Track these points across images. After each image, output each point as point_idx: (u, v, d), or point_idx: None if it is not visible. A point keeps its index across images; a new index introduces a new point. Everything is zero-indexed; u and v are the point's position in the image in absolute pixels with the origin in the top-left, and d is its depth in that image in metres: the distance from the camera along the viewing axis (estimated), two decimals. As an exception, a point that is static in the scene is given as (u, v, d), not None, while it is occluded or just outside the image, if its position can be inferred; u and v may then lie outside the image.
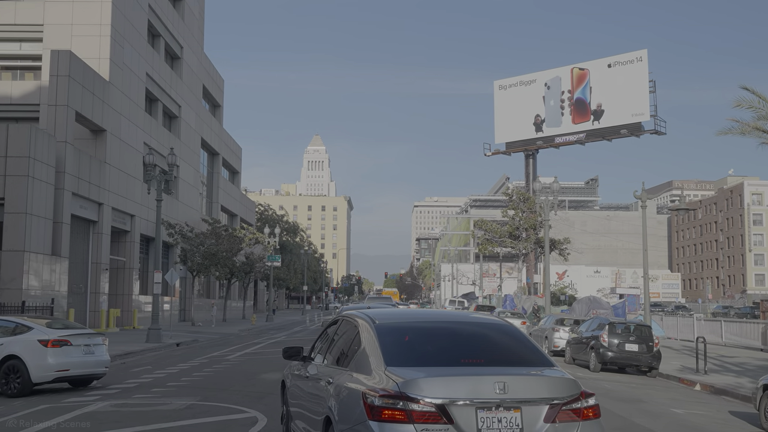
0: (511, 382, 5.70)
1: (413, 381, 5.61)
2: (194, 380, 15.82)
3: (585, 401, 5.87)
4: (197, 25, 57.27)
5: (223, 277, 52.16)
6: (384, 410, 5.53)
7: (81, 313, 35.82)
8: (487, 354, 6.38)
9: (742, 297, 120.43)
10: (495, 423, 5.60)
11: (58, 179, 32.55)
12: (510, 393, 5.65)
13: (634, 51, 73.23)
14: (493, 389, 5.63)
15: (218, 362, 20.72)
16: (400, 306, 41.31)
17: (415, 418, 5.47)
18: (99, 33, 38.59)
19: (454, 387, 5.63)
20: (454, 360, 6.17)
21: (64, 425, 10.37)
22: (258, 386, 14.94)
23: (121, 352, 23.56)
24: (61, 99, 33.43)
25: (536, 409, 5.71)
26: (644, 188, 26.63)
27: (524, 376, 5.96)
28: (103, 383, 15.35)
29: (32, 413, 11.35)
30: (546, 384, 5.91)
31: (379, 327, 6.63)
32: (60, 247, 32.58)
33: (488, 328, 6.89)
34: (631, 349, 21.09)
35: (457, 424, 5.51)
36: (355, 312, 7.51)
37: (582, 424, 5.79)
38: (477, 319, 7.40)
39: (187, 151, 52.98)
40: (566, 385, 5.90)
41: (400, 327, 6.76)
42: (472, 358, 6.20)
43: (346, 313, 7.86)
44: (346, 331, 7.32)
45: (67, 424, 10.42)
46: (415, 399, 5.51)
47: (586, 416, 5.83)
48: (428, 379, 5.65)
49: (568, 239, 53.16)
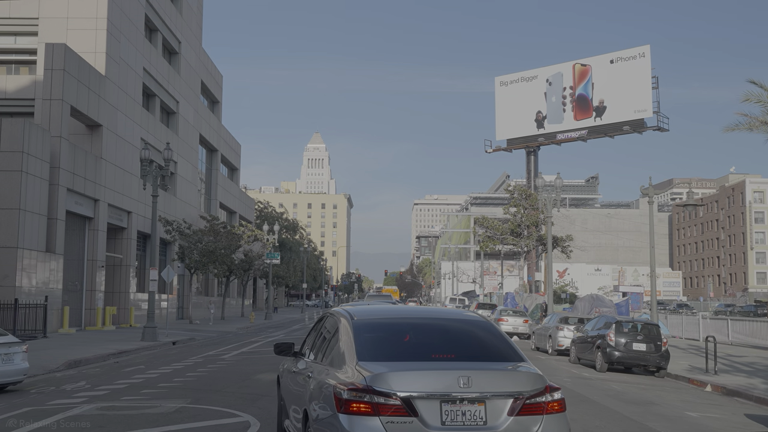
0: (475, 377, 5.88)
1: (380, 375, 5.81)
2: (187, 381, 15.21)
3: (550, 395, 6.03)
4: (195, 20, 56.64)
5: (221, 274, 51.65)
6: (352, 403, 5.73)
7: (76, 311, 35.27)
8: (458, 349, 6.56)
9: (744, 295, 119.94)
10: (459, 416, 5.80)
11: (52, 175, 31.96)
12: (474, 387, 5.83)
13: (636, 47, 72.60)
14: (457, 383, 5.81)
15: (213, 362, 20.11)
16: (398, 304, 40.72)
17: (380, 410, 5.68)
18: (95, 27, 38.00)
19: (419, 381, 5.82)
20: (425, 355, 6.40)
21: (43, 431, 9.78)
22: (252, 387, 14.34)
23: (114, 351, 23.01)
24: (55, 93, 32.81)
25: (500, 403, 5.89)
26: (651, 183, 26.01)
27: (489, 371, 6.14)
28: (92, 384, 14.75)
29: (11, 417, 10.75)
30: (510, 378, 6.10)
31: (356, 323, 6.81)
32: (54, 243, 32.00)
33: (464, 324, 7.08)
34: (638, 348, 20.41)
35: (421, 417, 5.71)
36: (338, 308, 7.65)
37: (546, 418, 5.95)
38: (454, 316, 7.49)
39: (186, 148, 52.38)
40: (531, 379, 6.06)
41: (376, 323, 6.94)
42: (442, 354, 6.42)
43: (332, 309, 7.99)
44: (329, 328, 7.50)
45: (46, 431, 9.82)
46: (381, 392, 5.71)
47: (550, 410, 6.00)
48: (395, 374, 5.83)
49: (571, 236, 52.52)
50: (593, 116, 73.96)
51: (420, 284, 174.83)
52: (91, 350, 22.81)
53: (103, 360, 21.08)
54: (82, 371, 17.74)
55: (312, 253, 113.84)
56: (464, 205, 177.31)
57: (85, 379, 15.69)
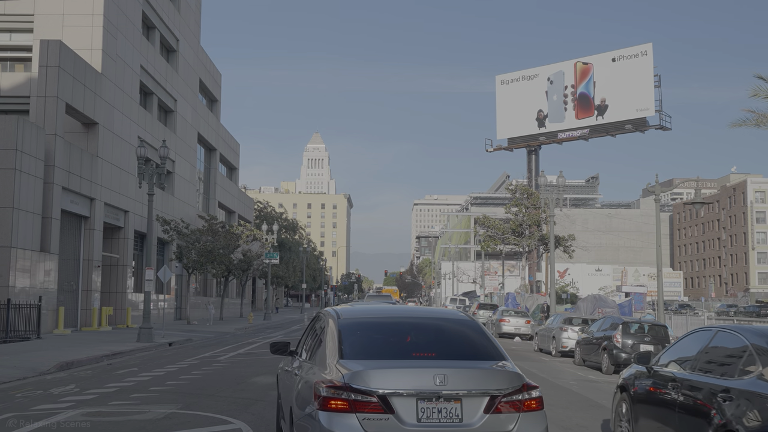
0: (452, 375, 6.00)
1: (358, 373, 5.95)
2: (180, 384, 14.64)
3: (527, 393, 6.14)
4: (194, 18, 56.08)
5: (219, 274, 51.12)
6: (330, 400, 5.86)
7: (72, 312, 34.74)
8: (439, 348, 6.69)
9: (745, 295, 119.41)
10: (435, 413, 5.92)
11: (47, 173, 31.44)
12: (450, 385, 5.95)
13: (638, 45, 71.95)
14: (433, 381, 5.93)
15: (209, 364, 19.55)
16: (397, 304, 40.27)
17: (357, 407, 5.81)
18: (91, 23, 37.47)
19: (396, 379, 5.95)
20: (406, 354, 6.57)
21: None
22: (248, 391, 13.76)
23: (108, 352, 22.48)
24: (50, 90, 32.28)
25: (476, 400, 6.01)
26: (657, 180, 25.44)
27: (467, 369, 6.23)
28: (81, 387, 14.20)
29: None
30: (488, 377, 6.20)
31: (342, 322, 6.93)
32: (49, 243, 31.47)
33: (449, 324, 7.21)
34: (646, 350, 19.83)
35: (397, 414, 5.84)
36: (328, 308, 7.73)
37: (522, 416, 6.06)
38: (440, 315, 7.55)
39: (184, 147, 51.84)
40: (508, 377, 6.18)
41: (361, 323, 7.07)
42: (423, 352, 6.57)
43: (323, 309, 8.09)
44: (318, 327, 7.63)
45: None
46: (358, 390, 5.84)
47: (527, 408, 6.10)
48: (372, 371, 5.97)
49: (573, 236, 51.90)
50: (595, 115, 73.38)
51: (420, 284, 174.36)
52: (84, 352, 22.28)
53: (96, 362, 20.55)
54: (74, 374, 17.20)
55: (311, 253, 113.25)
56: (464, 205, 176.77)
57: (75, 382, 15.15)
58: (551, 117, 76.63)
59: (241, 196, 72.79)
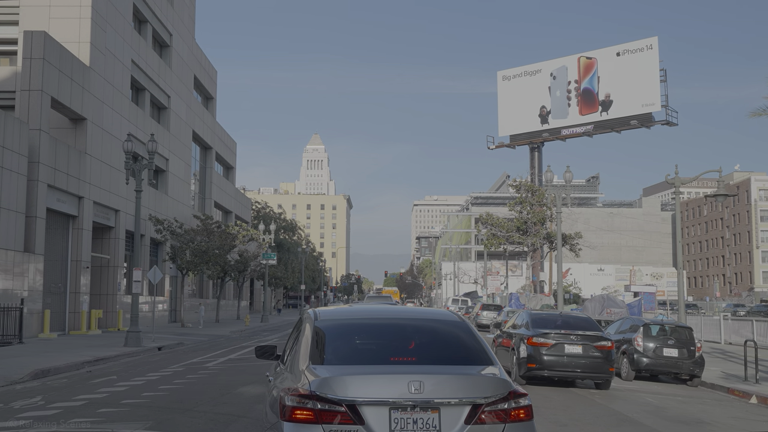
0: (429, 382, 5.46)
1: (325, 380, 5.46)
2: (157, 396, 13.09)
3: (514, 402, 5.58)
4: (188, 13, 54.59)
5: (215, 275, 49.70)
6: (295, 410, 5.40)
7: (59, 315, 33.30)
8: (421, 352, 6.17)
9: (750, 295, 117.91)
10: (410, 424, 5.41)
11: (31, 170, 29.98)
12: (426, 393, 5.42)
13: (644, 39, 70.31)
14: (408, 389, 5.40)
15: (194, 371, 18.01)
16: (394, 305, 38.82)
17: (323, 418, 5.34)
18: (79, 15, 36.02)
19: (367, 386, 5.44)
20: (383, 358, 6.03)
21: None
22: (231, 405, 12.20)
23: (91, 358, 21.02)
24: (34, 83, 30.83)
25: (456, 410, 5.49)
26: (677, 171, 23.93)
27: (447, 375, 5.68)
28: (48, 400, 12.70)
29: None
30: (469, 384, 5.65)
31: (317, 325, 6.41)
32: (34, 243, 30.00)
33: (436, 325, 6.71)
34: (669, 354, 18.23)
35: (368, 425, 5.36)
36: (309, 309, 7.09)
37: (508, 426, 5.52)
38: (428, 316, 7.00)
39: (178, 144, 50.36)
40: (493, 384, 5.63)
41: (339, 325, 6.59)
42: (403, 357, 6.04)
43: (307, 310, 7.34)
44: (297, 330, 7.04)
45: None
46: (324, 399, 5.36)
47: (514, 417, 5.55)
48: (341, 378, 5.46)
49: (580, 234, 50.45)
50: (599, 111, 71.83)
51: (420, 285, 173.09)
52: (65, 358, 20.80)
53: (76, 369, 19.09)
54: (47, 383, 15.73)
55: (310, 253, 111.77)
56: (465, 204, 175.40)
57: (44, 393, 13.66)
58: (554, 113, 75.07)
59: (238, 195, 71.27)
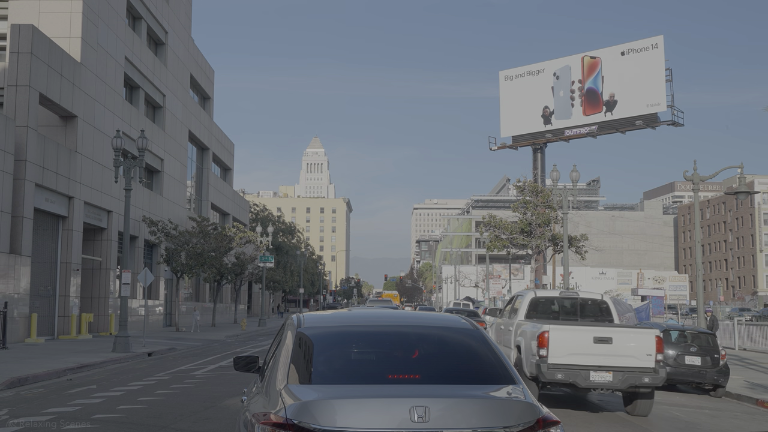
0: (436, 407, 4.40)
1: (305, 405, 4.41)
2: (133, 410, 11.86)
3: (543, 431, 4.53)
4: (184, 10, 53.51)
5: (211, 278, 48.55)
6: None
7: (48, 318, 32.15)
8: (426, 368, 5.09)
9: (753, 299, 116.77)
10: None
11: (17, 168, 28.87)
12: (433, 422, 4.36)
13: (649, 38, 69.15)
14: (409, 416, 4.34)
15: (180, 380, 16.81)
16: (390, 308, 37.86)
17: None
18: (69, 9, 34.93)
19: (358, 414, 4.36)
20: (380, 376, 4.96)
21: None
22: (213, 421, 10.96)
23: (74, 365, 19.87)
24: (22, 79, 29.71)
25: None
26: (695, 168, 22.83)
27: (457, 399, 4.60)
28: (14, 413, 11.54)
29: None
30: (486, 409, 4.55)
31: (300, 333, 5.29)
32: (20, 244, 28.85)
33: (444, 333, 5.54)
34: (692, 362, 16.99)
35: None
36: (294, 315, 5.87)
37: None
38: (434, 323, 5.74)
39: (173, 144, 49.22)
40: (517, 410, 4.55)
41: (327, 333, 5.42)
42: (404, 374, 4.97)
43: (291, 315, 5.98)
44: (278, 338, 5.78)
45: None
46: (303, 429, 4.29)
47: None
48: (325, 402, 4.42)
49: (586, 236, 49.34)
50: (603, 111, 70.67)
51: (420, 289, 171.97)
52: (47, 364, 19.65)
53: (57, 377, 17.93)
54: (21, 393, 14.58)
55: (310, 257, 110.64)
56: (465, 208, 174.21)
57: (12, 406, 12.50)
58: (558, 113, 73.91)
59: (235, 197, 70.13)
